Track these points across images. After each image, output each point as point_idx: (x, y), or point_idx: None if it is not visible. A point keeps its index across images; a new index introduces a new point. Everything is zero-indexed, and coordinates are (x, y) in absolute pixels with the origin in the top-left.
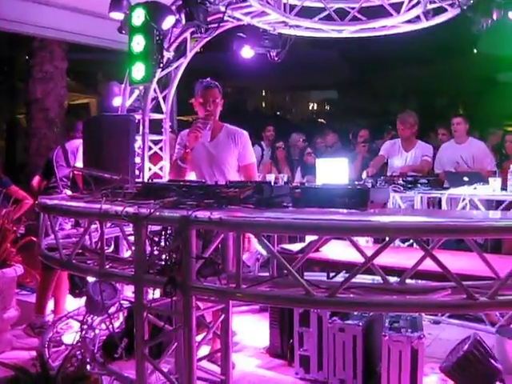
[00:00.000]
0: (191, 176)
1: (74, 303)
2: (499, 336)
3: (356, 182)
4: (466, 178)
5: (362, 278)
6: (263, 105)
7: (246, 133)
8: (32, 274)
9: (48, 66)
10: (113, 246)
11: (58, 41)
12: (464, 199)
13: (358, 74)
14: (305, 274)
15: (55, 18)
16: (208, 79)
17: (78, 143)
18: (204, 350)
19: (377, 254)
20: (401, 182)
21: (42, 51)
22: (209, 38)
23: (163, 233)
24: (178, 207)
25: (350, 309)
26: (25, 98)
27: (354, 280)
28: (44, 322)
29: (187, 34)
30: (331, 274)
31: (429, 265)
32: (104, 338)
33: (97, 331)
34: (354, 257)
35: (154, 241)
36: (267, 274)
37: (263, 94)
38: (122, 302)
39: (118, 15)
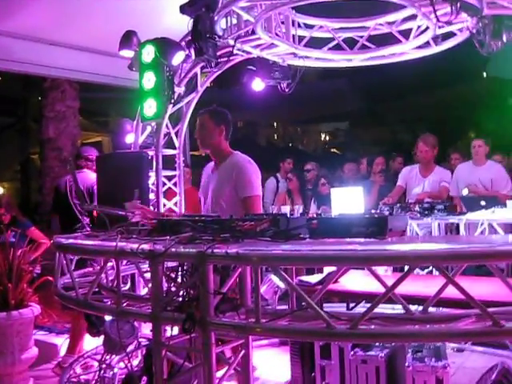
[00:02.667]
0: None
1: (92, 343)
2: None
3: (373, 211)
4: (482, 202)
5: (382, 308)
6: (275, 137)
7: (247, 163)
8: (49, 314)
9: (60, 105)
10: (129, 284)
11: (69, 80)
12: (482, 224)
13: (367, 104)
14: (324, 305)
15: (66, 58)
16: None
17: (91, 179)
18: None
19: (398, 283)
20: (417, 208)
21: (53, 91)
22: (219, 72)
23: (180, 269)
24: (193, 242)
25: (372, 340)
26: (38, 138)
27: (374, 310)
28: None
29: (197, 69)
30: (351, 305)
31: (450, 292)
32: (123, 376)
33: (116, 370)
34: (374, 287)
35: (170, 277)
36: (286, 306)
37: (275, 126)
38: (141, 339)
39: (128, 53)
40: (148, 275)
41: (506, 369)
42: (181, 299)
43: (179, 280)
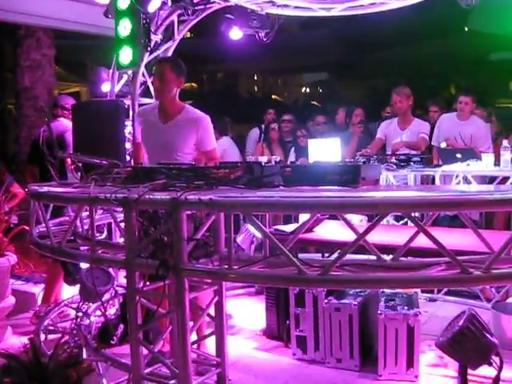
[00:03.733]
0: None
1: (69, 292)
2: (495, 311)
3: (347, 160)
4: (458, 155)
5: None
6: (255, 89)
7: (207, 117)
8: (26, 264)
9: (35, 53)
10: (106, 233)
11: (44, 28)
12: (457, 176)
13: (348, 55)
14: (300, 255)
15: (40, 4)
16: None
17: (64, 126)
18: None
19: (369, 230)
20: (394, 160)
21: (28, 39)
22: (196, 20)
23: (154, 216)
24: (167, 190)
25: (343, 286)
26: (13, 88)
27: (348, 258)
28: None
29: (174, 17)
30: (326, 255)
31: (423, 242)
32: (99, 325)
33: (92, 319)
34: (349, 236)
35: (144, 224)
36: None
37: (255, 78)
38: (118, 288)
39: None
40: (124, 224)
41: (473, 315)
42: (155, 246)
43: (153, 227)
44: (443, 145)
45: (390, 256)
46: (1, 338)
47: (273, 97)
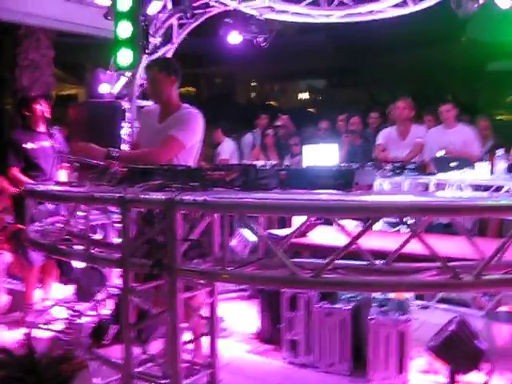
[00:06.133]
0: None
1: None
2: (487, 319)
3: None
4: (453, 164)
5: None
6: (252, 95)
7: (197, 112)
8: (22, 263)
9: (34, 53)
10: (100, 233)
11: (44, 29)
12: (452, 184)
13: (345, 61)
14: (294, 260)
15: (41, 5)
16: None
17: None
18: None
19: (361, 233)
20: (389, 167)
21: (27, 39)
22: (195, 24)
23: (149, 216)
24: (163, 190)
25: (335, 288)
26: (12, 87)
27: (340, 262)
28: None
29: (174, 20)
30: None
31: (415, 248)
32: (94, 325)
33: (86, 318)
34: (342, 241)
35: (140, 224)
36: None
37: (252, 84)
38: (112, 289)
39: (104, 1)
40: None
41: (463, 321)
42: (149, 246)
43: (148, 227)
44: (441, 153)
45: (383, 261)
46: None
47: (269, 103)
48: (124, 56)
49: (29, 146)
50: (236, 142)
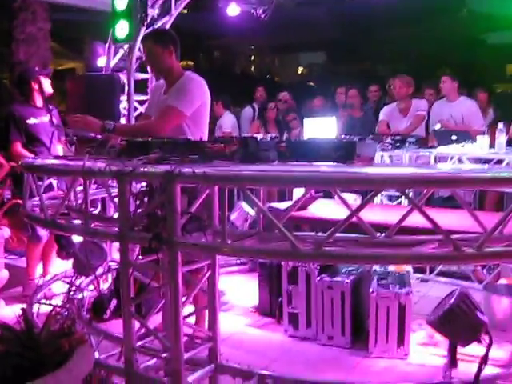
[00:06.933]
0: None
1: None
2: (486, 292)
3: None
4: (454, 137)
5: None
6: (252, 68)
7: (192, 76)
8: (20, 239)
9: (30, 27)
10: (100, 208)
11: (39, 1)
12: (452, 157)
13: (346, 35)
14: (294, 233)
15: None
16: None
17: None
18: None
19: (362, 206)
20: (389, 140)
21: (23, 12)
22: None
23: (148, 189)
24: (162, 163)
25: (336, 261)
26: (8, 61)
27: (341, 235)
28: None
29: None
30: (320, 234)
31: (416, 221)
32: (92, 299)
33: (85, 293)
34: (343, 214)
35: (138, 197)
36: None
37: (252, 58)
38: (111, 264)
39: None
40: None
41: (463, 293)
42: (148, 219)
43: (147, 200)
44: (437, 126)
45: (384, 234)
46: None
47: (269, 76)
48: (122, 28)
49: (31, 121)
50: (235, 115)
